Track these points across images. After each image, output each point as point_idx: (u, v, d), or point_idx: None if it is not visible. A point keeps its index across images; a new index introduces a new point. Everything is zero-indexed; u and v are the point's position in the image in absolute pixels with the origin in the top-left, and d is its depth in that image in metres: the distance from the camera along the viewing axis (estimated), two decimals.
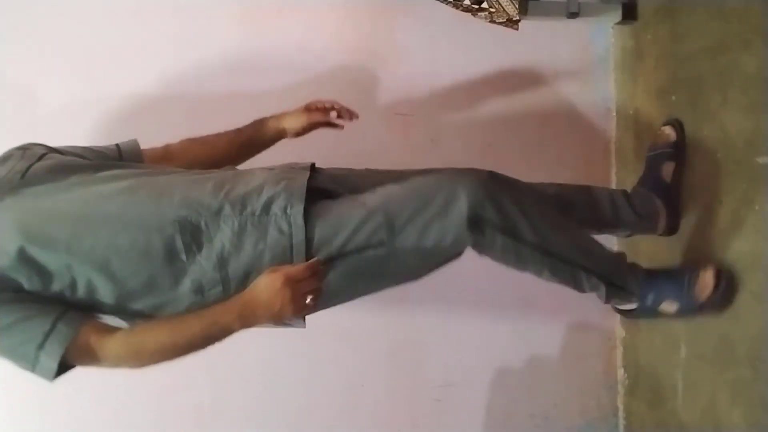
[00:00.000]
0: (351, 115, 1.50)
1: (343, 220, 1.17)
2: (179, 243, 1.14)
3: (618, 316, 1.93)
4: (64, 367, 1.12)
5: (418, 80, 1.89)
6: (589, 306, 1.95)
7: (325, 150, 1.83)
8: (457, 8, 1.69)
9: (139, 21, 1.81)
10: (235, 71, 1.84)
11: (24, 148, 1.30)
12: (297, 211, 1.17)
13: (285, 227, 1.16)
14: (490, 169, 1.27)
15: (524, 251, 1.22)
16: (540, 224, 1.24)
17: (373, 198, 1.22)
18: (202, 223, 1.15)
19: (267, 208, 1.17)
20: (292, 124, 1.49)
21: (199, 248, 1.15)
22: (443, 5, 1.71)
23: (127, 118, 1.80)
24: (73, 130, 1.76)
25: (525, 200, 1.25)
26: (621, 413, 1.94)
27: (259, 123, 1.49)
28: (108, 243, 1.13)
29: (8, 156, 1.28)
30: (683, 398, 1.60)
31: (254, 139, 1.49)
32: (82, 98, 1.79)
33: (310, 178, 1.25)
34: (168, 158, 1.44)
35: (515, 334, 1.93)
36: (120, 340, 1.13)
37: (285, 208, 1.17)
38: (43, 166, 1.23)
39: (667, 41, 1.64)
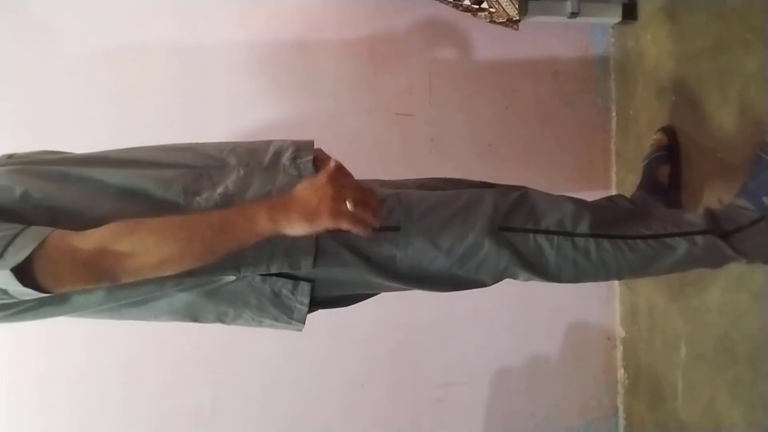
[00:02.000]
0: None
1: None
2: (177, 187, 1.01)
3: (618, 315, 1.93)
4: (33, 281, 0.85)
5: (418, 80, 1.89)
6: (589, 306, 1.96)
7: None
8: (457, 8, 1.69)
9: (139, 21, 1.81)
10: (235, 71, 1.84)
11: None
12: (307, 160, 1.09)
13: (294, 172, 1.07)
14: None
15: (581, 243, 1.08)
16: (582, 210, 1.12)
17: (388, 189, 1.15)
18: (206, 172, 1.04)
19: (276, 157, 1.09)
20: None
21: (199, 192, 1.01)
22: (443, 5, 1.72)
23: (126, 118, 1.80)
24: (73, 130, 1.77)
25: (553, 197, 1.15)
26: (621, 413, 1.94)
27: None
28: (97, 184, 1.00)
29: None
30: (683, 398, 1.60)
31: None
32: (82, 98, 1.79)
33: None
34: None
35: (515, 334, 1.94)
36: (109, 225, 0.89)
37: (294, 158, 1.09)
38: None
39: (667, 41, 1.64)
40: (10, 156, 1.10)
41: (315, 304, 1.11)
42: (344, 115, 1.87)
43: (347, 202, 0.89)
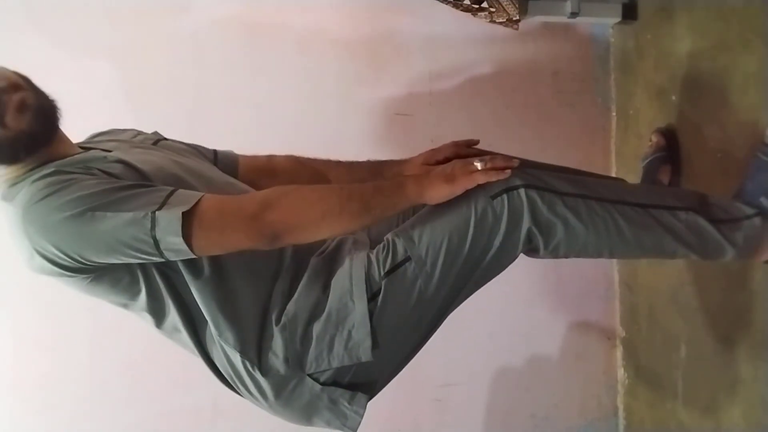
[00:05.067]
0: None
1: (369, 254, 1.12)
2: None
3: (618, 315, 1.93)
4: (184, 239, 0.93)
5: (418, 80, 1.89)
6: (589, 306, 1.96)
7: (324, 150, 1.84)
8: (457, 8, 1.69)
9: (139, 21, 1.81)
10: (235, 71, 1.84)
11: (138, 131, 1.30)
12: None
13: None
14: None
15: (571, 202, 1.06)
16: (574, 177, 1.13)
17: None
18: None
19: (338, 248, 1.17)
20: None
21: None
22: (443, 5, 1.71)
23: (126, 119, 1.79)
24: (73, 131, 1.77)
25: (544, 170, 1.14)
26: (621, 413, 1.94)
27: (378, 168, 1.33)
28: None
29: (122, 130, 1.30)
30: (683, 398, 1.60)
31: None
32: (81, 98, 1.79)
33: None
34: (269, 173, 1.31)
35: (515, 334, 1.94)
36: (272, 188, 1.02)
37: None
38: (168, 143, 1.26)
39: (667, 41, 1.64)
40: (156, 141, 1.22)
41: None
42: (344, 115, 1.87)
43: (475, 163, 1.04)
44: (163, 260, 0.98)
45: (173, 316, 1.09)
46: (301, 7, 1.85)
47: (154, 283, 1.06)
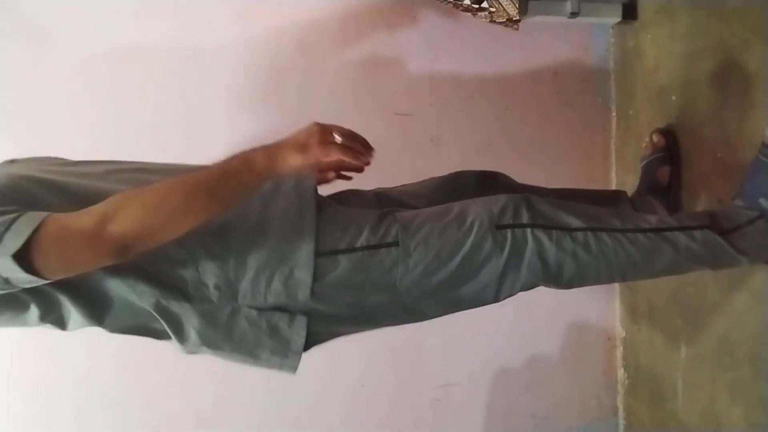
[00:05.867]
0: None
1: (353, 218, 1.09)
2: None
3: (618, 315, 1.93)
4: (29, 264, 0.83)
5: (418, 80, 1.89)
6: (589, 306, 1.96)
7: None
8: (457, 8, 1.69)
9: (139, 21, 1.81)
10: (235, 72, 1.84)
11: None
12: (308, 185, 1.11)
13: (294, 196, 1.09)
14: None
15: (580, 236, 1.06)
16: (582, 207, 1.12)
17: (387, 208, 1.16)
18: None
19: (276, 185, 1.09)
20: None
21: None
22: (443, 5, 1.72)
23: (126, 119, 1.80)
24: (72, 131, 1.77)
25: (549, 198, 1.14)
26: (621, 413, 1.94)
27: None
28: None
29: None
30: (683, 398, 1.60)
31: None
32: (81, 98, 1.79)
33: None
34: None
35: (515, 334, 1.94)
36: (110, 197, 0.89)
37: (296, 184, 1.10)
38: (26, 158, 1.16)
39: (667, 41, 1.64)
40: (12, 161, 1.11)
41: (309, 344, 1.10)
42: (344, 116, 1.85)
43: (335, 135, 0.99)
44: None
45: (74, 314, 1.01)
46: (301, 7, 1.85)
47: (43, 293, 0.96)
